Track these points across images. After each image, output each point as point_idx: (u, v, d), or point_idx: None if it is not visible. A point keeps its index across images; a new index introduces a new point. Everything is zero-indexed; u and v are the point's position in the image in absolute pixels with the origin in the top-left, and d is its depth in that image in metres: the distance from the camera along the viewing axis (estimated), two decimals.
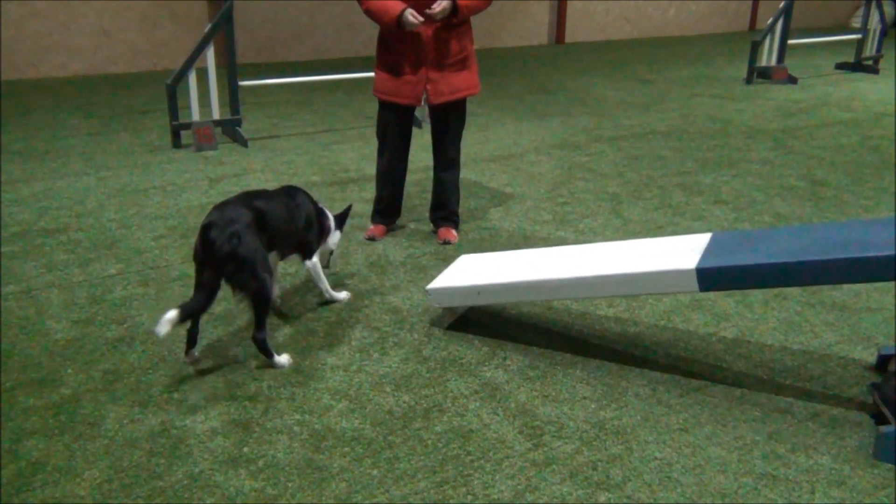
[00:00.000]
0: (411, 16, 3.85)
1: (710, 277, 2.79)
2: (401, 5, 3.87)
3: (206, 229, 2.94)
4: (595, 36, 14.08)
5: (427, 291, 3.43)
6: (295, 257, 3.51)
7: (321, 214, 3.56)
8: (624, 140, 6.84)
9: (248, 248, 2.94)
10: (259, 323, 3.03)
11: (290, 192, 3.45)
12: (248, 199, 3.17)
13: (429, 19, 3.90)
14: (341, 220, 3.71)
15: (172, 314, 2.80)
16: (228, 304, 3.56)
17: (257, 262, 2.97)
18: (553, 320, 3.55)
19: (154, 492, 2.38)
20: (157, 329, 2.77)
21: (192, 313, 2.93)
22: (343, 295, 3.69)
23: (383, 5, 3.90)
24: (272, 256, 3.21)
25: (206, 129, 6.28)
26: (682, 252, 3.00)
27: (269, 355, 3.07)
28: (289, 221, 3.31)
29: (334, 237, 3.64)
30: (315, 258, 3.51)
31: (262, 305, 3.00)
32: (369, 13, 3.99)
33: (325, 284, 3.60)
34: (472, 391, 2.94)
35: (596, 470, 2.51)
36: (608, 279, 3.00)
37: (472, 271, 3.52)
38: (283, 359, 3.10)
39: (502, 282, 3.28)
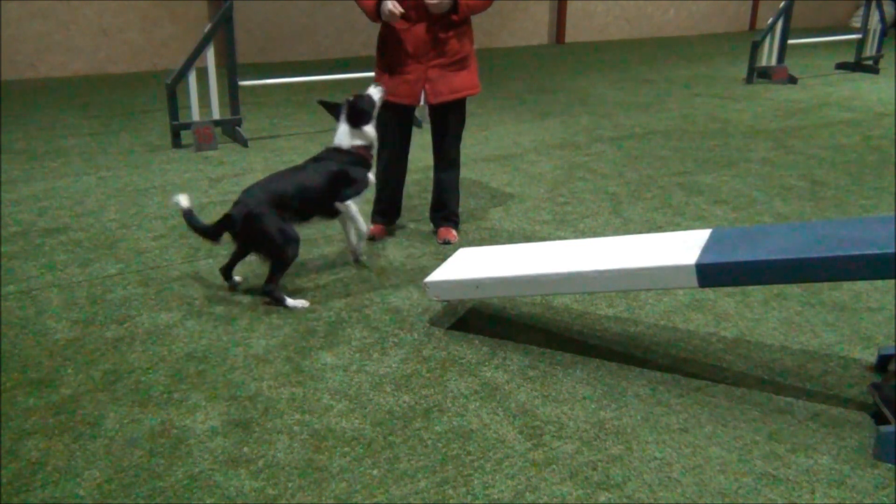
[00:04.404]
0: (391, 5, 3.83)
1: (709, 273, 2.78)
2: None
3: (233, 207, 3.57)
4: (595, 36, 14.08)
5: (425, 284, 3.40)
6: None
7: (350, 168, 3.84)
8: (624, 140, 6.84)
9: (260, 216, 3.48)
10: (270, 277, 3.53)
11: (316, 160, 3.87)
12: (268, 182, 3.70)
13: (425, 14, 3.89)
14: (355, 112, 3.92)
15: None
16: (228, 305, 3.58)
17: (270, 227, 3.48)
18: (553, 320, 3.55)
19: (154, 492, 2.38)
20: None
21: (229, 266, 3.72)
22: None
23: (367, 3, 3.93)
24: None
25: (206, 129, 6.28)
26: (682, 248, 2.99)
27: (281, 301, 3.51)
28: (306, 188, 3.70)
29: (367, 132, 3.95)
30: (349, 201, 3.81)
31: (275, 263, 3.53)
32: (358, 5, 4.02)
33: (361, 229, 3.92)
34: (472, 391, 2.94)
35: (596, 470, 2.51)
36: (607, 274, 2.99)
37: (471, 265, 3.49)
38: (297, 302, 3.47)
39: (501, 275, 3.25)
